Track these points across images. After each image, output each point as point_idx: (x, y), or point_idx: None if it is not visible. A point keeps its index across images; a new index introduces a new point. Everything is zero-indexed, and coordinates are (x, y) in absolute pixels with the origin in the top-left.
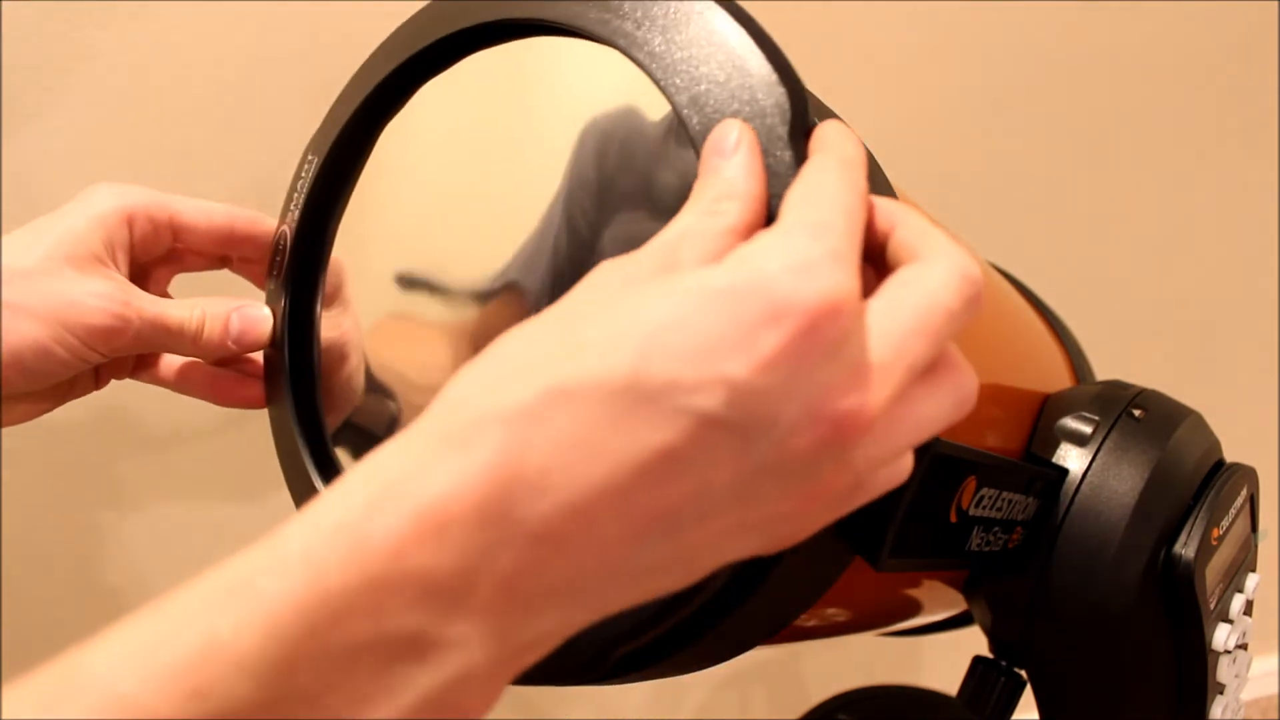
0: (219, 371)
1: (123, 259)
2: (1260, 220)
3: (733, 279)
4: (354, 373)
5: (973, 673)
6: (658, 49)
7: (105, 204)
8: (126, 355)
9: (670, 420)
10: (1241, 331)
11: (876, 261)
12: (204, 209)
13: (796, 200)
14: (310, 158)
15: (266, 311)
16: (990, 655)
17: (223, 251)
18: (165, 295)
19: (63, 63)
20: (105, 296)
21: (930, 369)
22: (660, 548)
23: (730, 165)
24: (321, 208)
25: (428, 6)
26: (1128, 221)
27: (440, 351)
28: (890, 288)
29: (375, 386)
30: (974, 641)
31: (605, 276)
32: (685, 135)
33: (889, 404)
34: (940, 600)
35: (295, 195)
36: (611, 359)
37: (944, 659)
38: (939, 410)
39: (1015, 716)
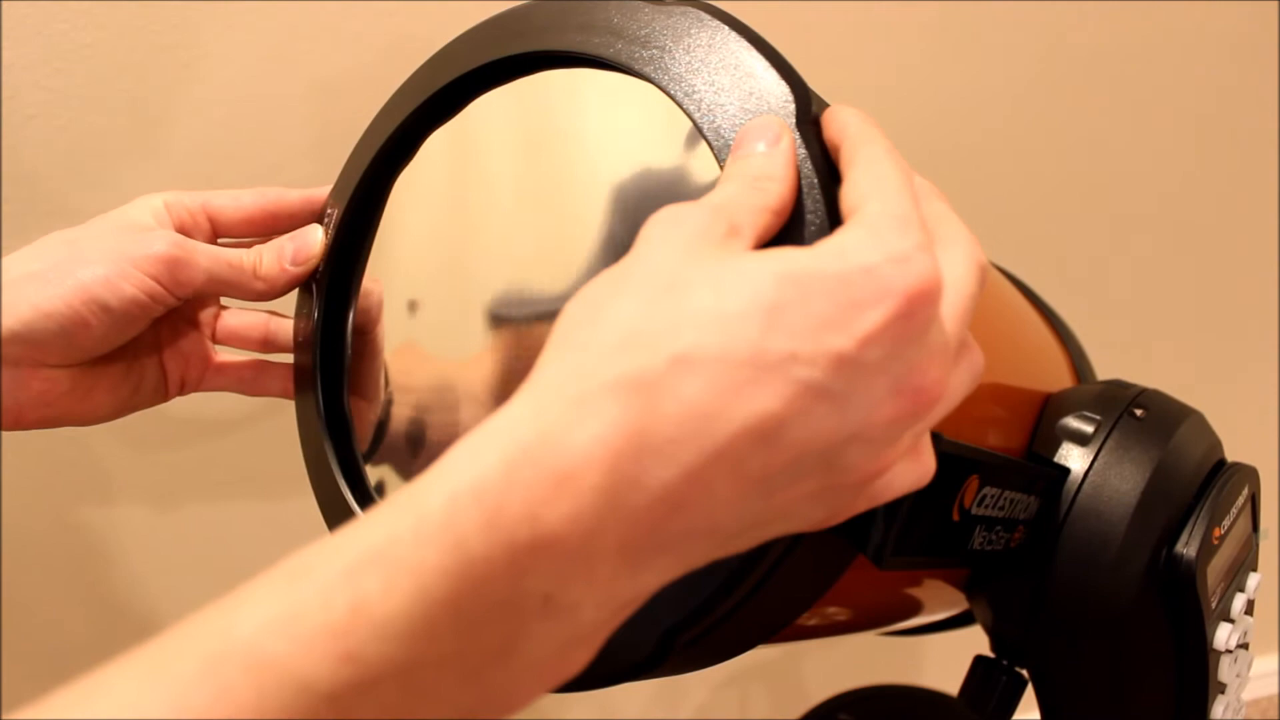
0: (286, 367)
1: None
2: (1260, 220)
3: (841, 266)
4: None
5: (974, 672)
6: (663, 62)
7: (151, 200)
8: (194, 297)
9: (784, 389)
10: (1242, 331)
11: None
12: (233, 195)
13: (869, 192)
14: (330, 210)
15: (318, 231)
16: (991, 654)
17: (259, 234)
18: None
19: (63, 63)
20: (165, 235)
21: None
22: (755, 507)
23: (773, 152)
24: (346, 257)
25: (437, 53)
26: (1128, 221)
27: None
28: None
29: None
30: (975, 641)
31: (669, 232)
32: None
33: (949, 379)
34: (942, 599)
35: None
36: (735, 333)
37: (944, 659)
38: (962, 385)
39: (1016, 716)
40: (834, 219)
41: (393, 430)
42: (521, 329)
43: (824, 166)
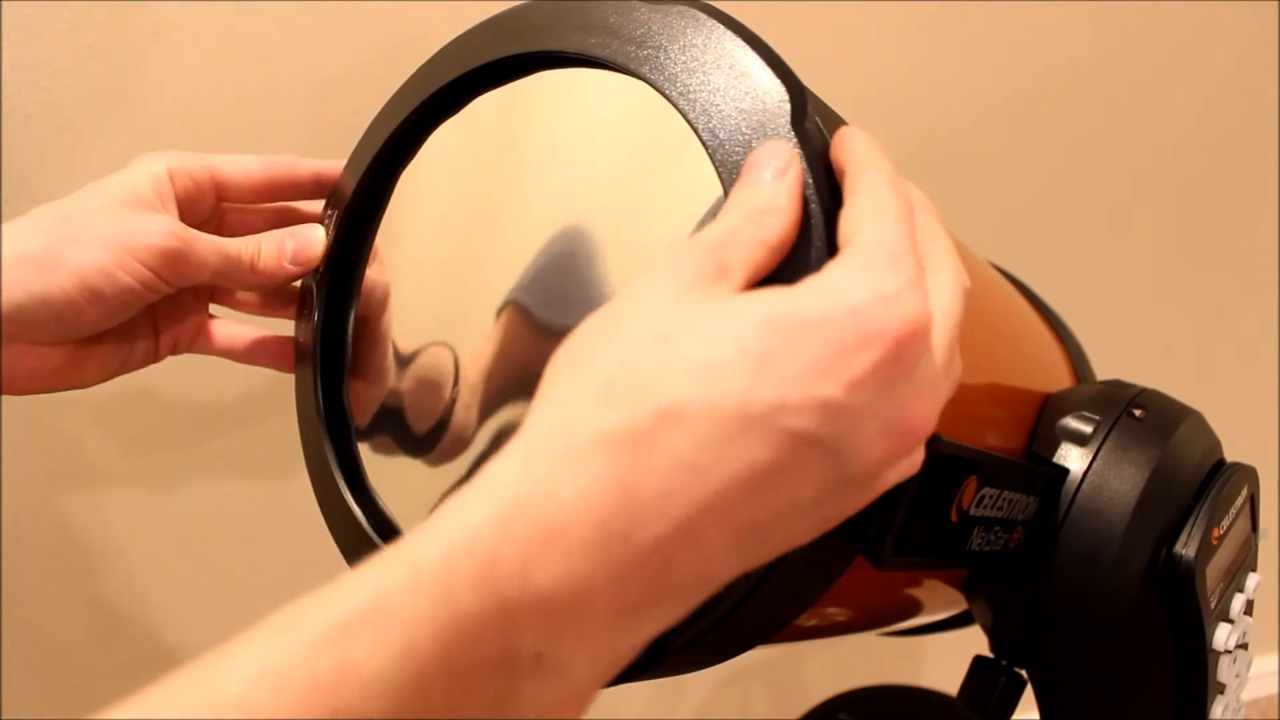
0: (278, 339)
1: (173, 209)
2: (1260, 219)
3: (828, 309)
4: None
5: (973, 672)
6: (659, 61)
7: (153, 165)
8: (189, 286)
9: (774, 440)
10: (1242, 331)
11: None
12: (242, 163)
13: (864, 222)
14: (330, 212)
15: (319, 231)
16: (991, 655)
17: (266, 202)
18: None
19: (63, 63)
20: (162, 223)
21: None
22: (747, 553)
23: (780, 184)
24: (346, 257)
25: (436, 54)
26: (1128, 221)
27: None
28: None
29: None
30: (974, 641)
31: (658, 281)
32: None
33: (939, 410)
34: (941, 600)
35: None
36: (723, 384)
37: (944, 659)
38: (945, 399)
39: (1016, 716)
40: (832, 248)
41: (395, 420)
42: (520, 324)
43: (827, 191)
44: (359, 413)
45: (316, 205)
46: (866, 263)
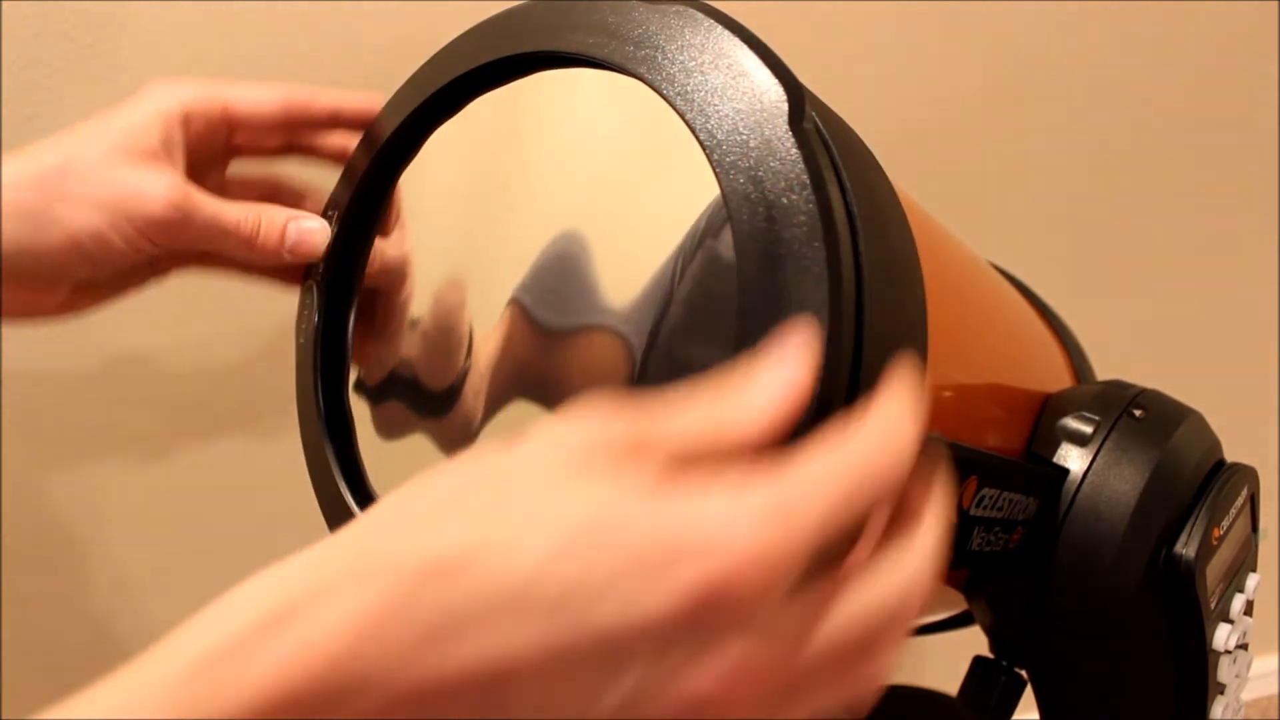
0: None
1: (179, 156)
2: (1260, 219)
3: (656, 530)
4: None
5: (973, 672)
6: (657, 61)
7: (162, 102)
8: (183, 250)
9: (533, 639)
10: (1241, 331)
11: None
12: (255, 100)
13: (807, 463)
14: (330, 213)
15: (323, 224)
16: (990, 655)
17: (281, 141)
18: (223, 193)
19: (62, 63)
20: (163, 188)
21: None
22: None
23: (765, 403)
24: (346, 257)
25: (436, 54)
26: (1128, 221)
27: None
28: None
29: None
30: (975, 641)
31: (550, 435)
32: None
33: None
34: (940, 600)
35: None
36: (515, 560)
37: (944, 659)
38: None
39: (1015, 716)
40: None
41: (404, 389)
42: (519, 323)
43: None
44: (371, 372)
45: (333, 137)
46: (743, 495)
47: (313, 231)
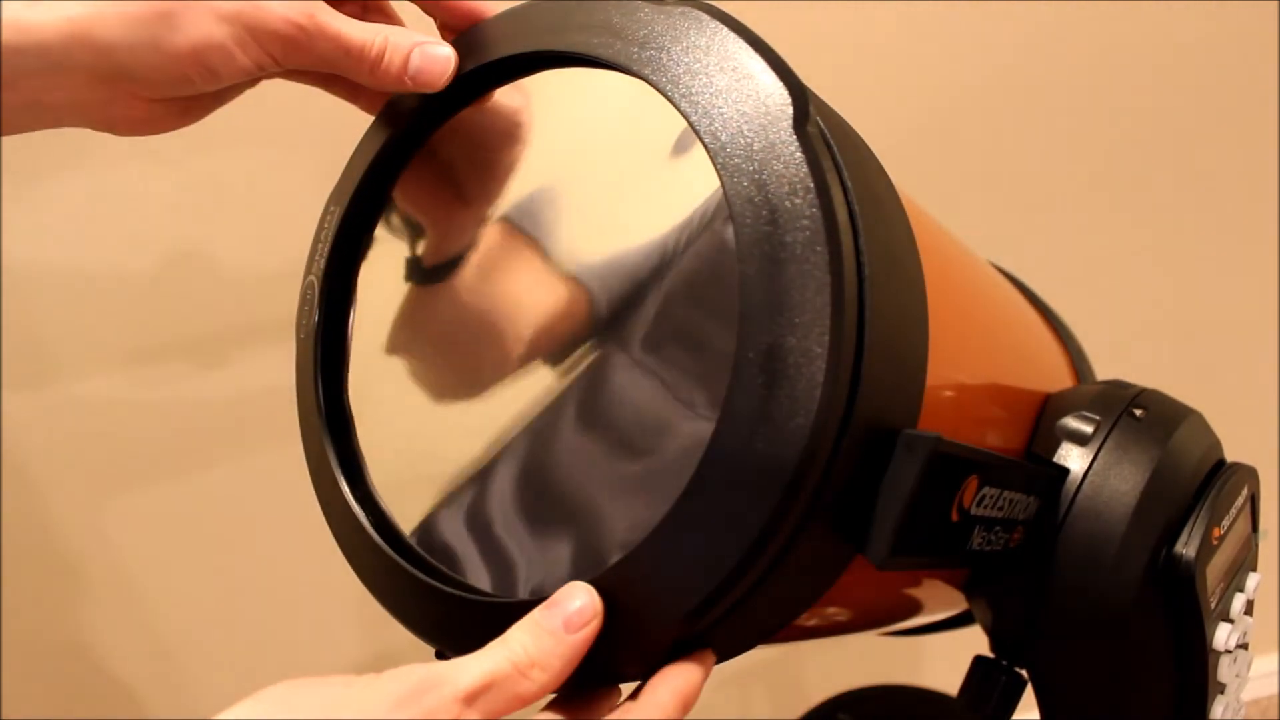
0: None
1: None
2: (1260, 219)
3: None
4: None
5: (973, 672)
6: (662, 62)
7: None
8: (305, 72)
9: None
10: (1241, 331)
11: None
12: None
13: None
14: (332, 208)
15: (450, 51)
16: (991, 655)
17: None
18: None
19: None
20: (292, 4)
21: None
22: None
23: (567, 640)
24: (346, 256)
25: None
26: (1128, 221)
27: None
28: None
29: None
30: (975, 641)
31: (389, 689)
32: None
33: None
34: (941, 600)
35: (320, 245)
36: None
37: (944, 659)
38: None
39: (1016, 716)
40: None
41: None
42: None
43: None
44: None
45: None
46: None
47: (438, 59)
